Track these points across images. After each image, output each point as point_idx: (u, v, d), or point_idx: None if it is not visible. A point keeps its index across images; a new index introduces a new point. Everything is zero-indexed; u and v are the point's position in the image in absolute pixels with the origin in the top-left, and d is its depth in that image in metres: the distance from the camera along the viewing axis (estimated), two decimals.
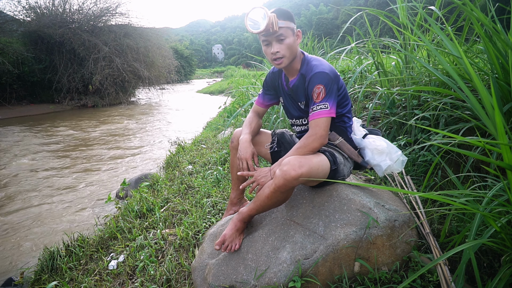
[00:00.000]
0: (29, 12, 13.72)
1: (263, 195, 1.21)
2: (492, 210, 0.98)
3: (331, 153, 1.30)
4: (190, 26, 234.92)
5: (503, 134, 0.76)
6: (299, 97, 1.37)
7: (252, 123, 1.51)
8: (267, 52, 1.28)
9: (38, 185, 4.08)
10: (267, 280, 1.15)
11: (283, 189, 1.15)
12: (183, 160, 3.52)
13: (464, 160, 1.57)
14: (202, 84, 27.93)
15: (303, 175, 1.12)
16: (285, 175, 1.11)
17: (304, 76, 1.31)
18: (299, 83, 1.35)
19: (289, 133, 1.55)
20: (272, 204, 1.23)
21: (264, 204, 1.23)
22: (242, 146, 1.37)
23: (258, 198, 1.24)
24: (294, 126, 1.51)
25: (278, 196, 1.19)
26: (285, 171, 1.12)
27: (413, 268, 1.14)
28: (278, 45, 1.24)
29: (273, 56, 1.26)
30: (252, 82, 5.42)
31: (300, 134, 1.51)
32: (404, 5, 2.10)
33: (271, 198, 1.19)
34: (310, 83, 1.25)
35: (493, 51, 1.33)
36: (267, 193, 1.19)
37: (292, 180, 1.12)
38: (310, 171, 1.15)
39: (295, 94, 1.38)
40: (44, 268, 1.97)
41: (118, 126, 8.48)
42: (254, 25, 1.21)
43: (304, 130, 1.47)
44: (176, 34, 57.02)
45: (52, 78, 12.85)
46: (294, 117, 1.47)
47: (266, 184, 1.21)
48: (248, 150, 1.35)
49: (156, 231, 1.98)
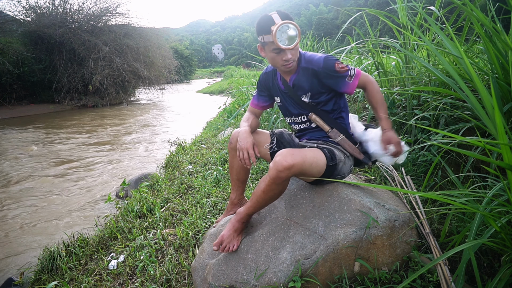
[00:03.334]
0: (29, 12, 13.72)
1: (259, 190, 1.22)
2: (492, 210, 0.98)
3: (329, 150, 1.30)
4: (190, 26, 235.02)
5: (503, 134, 0.76)
6: (303, 90, 1.37)
7: (250, 119, 1.50)
8: (277, 59, 1.28)
9: (37, 185, 4.08)
10: (267, 280, 1.15)
11: (278, 181, 1.16)
12: (183, 160, 3.52)
13: (464, 160, 1.57)
14: (202, 84, 27.93)
15: (295, 166, 1.13)
16: (277, 166, 1.12)
17: (307, 68, 1.32)
18: (302, 76, 1.35)
19: (287, 133, 1.55)
20: (269, 198, 1.24)
21: (261, 199, 1.24)
22: (242, 136, 1.35)
23: (255, 195, 1.25)
24: (293, 124, 1.51)
25: (273, 189, 1.19)
26: (277, 161, 1.13)
27: (413, 268, 1.14)
28: (290, 52, 1.25)
29: (285, 62, 1.27)
30: (252, 82, 5.43)
31: (300, 133, 1.50)
32: (404, 5, 2.10)
33: (267, 191, 1.20)
34: (326, 65, 1.28)
35: (493, 51, 1.33)
36: (263, 187, 1.20)
37: (285, 170, 1.12)
38: (303, 163, 1.15)
39: (298, 89, 1.37)
40: (44, 268, 1.97)
41: (118, 126, 8.48)
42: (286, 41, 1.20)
43: (305, 128, 1.46)
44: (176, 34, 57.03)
45: (52, 78, 12.84)
46: (294, 114, 1.46)
47: (262, 179, 1.23)
48: (248, 140, 1.33)
49: (156, 231, 1.98)
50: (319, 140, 1.43)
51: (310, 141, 1.43)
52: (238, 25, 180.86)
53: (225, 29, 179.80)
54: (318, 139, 1.43)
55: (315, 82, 1.33)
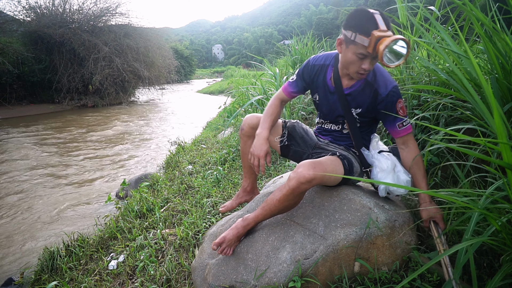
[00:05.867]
0: (29, 12, 13.72)
1: (274, 199, 1.20)
2: (490, 208, 0.97)
3: (349, 161, 1.29)
4: (190, 26, 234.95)
5: (502, 133, 0.76)
6: (355, 103, 1.30)
7: (273, 114, 1.42)
8: (356, 64, 1.16)
9: (37, 185, 4.09)
10: (267, 280, 1.15)
11: (297, 192, 1.15)
12: (183, 160, 3.52)
13: (464, 160, 1.57)
14: (202, 84, 27.92)
15: (316, 179, 1.13)
16: (300, 177, 1.11)
17: (372, 85, 1.26)
18: (363, 90, 1.28)
19: (301, 126, 1.50)
20: (283, 207, 1.22)
21: (274, 208, 1.22)
22: (258, 142, 1.33)
23: (267, 203, 1.23)
24: (323, 124, 1.47)
25: (290, 199, 1.18)
26: (299, 173, 1.12)
27: (413, 268, 1.14)
28: (372, 62, 1.16)
29: (362, 71, 1.17)
30: (252, 82, 5.42)
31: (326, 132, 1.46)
32: (404, 5, 2.10)
33: (283, 201, 1.19)
34: (390, 96, 1.23)
35: (493, 51, 1.33)
36: (279, 196, 1.18)
37: (306, 182, 1.12)
38: (323, 176, 1.15)
39: (351, 100, 1.30)
40: (44, 268, 1.97)
41: (118, 126, 8.48)
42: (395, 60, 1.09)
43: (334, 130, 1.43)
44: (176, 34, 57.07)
45: (52, 78, 12.84)
46: (329, 118, 1.42)
47: (278, 188, 1.21)
48: (263, 148, 1.31)
49: (156, 231, 1.98)
50: (341, 145, 1.42)
51: (332, 144, 1.42)
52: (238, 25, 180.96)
53: (225, 29, 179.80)
54: (340, 144, 1.42)
55: (371, 103, 1.27)
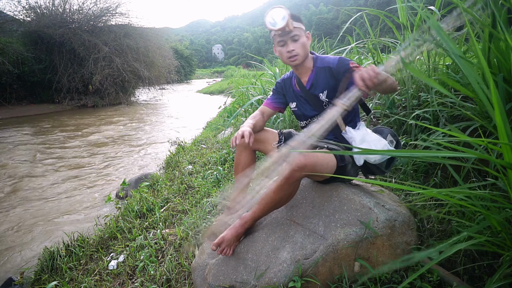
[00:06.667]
0: (29, 12, 13.71)
1: (269, 191, 1.23)
2: (490, 207, 0.97)
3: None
4: (190, 26, 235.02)
5: (503, 133, 0.76)
6: (319, 88, 1.42)
7: (256, 117, 1.51)
8: (283, 52, 1.37)
9: (37, 185, 4.08)
10: (267, 280, 1.15)
11: (291, 180, 1.17)
12: (183, 160, 3.52)
13: (464, 160, 1.57)
14: (202, 84, 27.92)
15: (308, 165, 1.15)
16: (292, 164, 1.14)
17: (323, 67, 1.41)
18: (319, 75, 1.42)
19: (296, 133, 1.56)
20: (279, 199, 1.23)
21: (270, 200, 1.23)
22: (241, 129, 1.37)
23: (263, 198, 1.24)
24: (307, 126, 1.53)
25: (285, 189, 1.20)
26: (291, 160, 1.14)
27: (413, 268, 1.14)
28: (293, 44, 1.35)
29: (288, 54, 1.36)
30: (252, 82, 5.42)
31: None
32: (404, 5, 2.10)
33: (278, 191, 1.20)
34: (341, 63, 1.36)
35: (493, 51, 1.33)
36: (274, 187, 1.20)
37: (299, 169, 1.14)
38: (316, 163, 1.18)
39: (315, 88, 1.43)
40: (44, 268, 1.97)
41: (118, 126, 8.48)
42: (274, 23, 1.30)
43: None
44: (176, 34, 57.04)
45: (52, 78, 12.83)
46: (309, 117, 1.50)
47: (271, 182, 1.23)
48: (246, 129, 1.34)
49: (156, 231, 1.98)
50: (330, 140, 1.45)
51: (322, 141, 1.44)
52: (238, 25, 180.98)
53: (225, 29, 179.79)
54: (330, 139, 1.46)
55: (331, 80, 1.39)
